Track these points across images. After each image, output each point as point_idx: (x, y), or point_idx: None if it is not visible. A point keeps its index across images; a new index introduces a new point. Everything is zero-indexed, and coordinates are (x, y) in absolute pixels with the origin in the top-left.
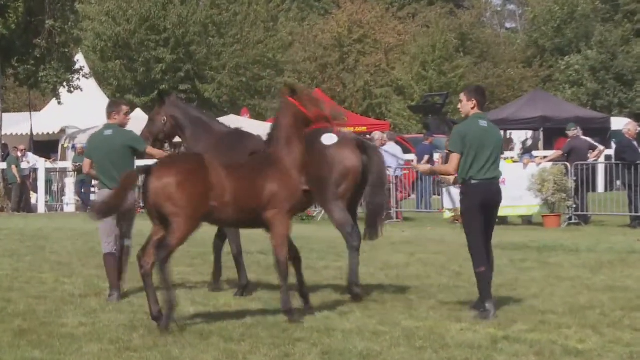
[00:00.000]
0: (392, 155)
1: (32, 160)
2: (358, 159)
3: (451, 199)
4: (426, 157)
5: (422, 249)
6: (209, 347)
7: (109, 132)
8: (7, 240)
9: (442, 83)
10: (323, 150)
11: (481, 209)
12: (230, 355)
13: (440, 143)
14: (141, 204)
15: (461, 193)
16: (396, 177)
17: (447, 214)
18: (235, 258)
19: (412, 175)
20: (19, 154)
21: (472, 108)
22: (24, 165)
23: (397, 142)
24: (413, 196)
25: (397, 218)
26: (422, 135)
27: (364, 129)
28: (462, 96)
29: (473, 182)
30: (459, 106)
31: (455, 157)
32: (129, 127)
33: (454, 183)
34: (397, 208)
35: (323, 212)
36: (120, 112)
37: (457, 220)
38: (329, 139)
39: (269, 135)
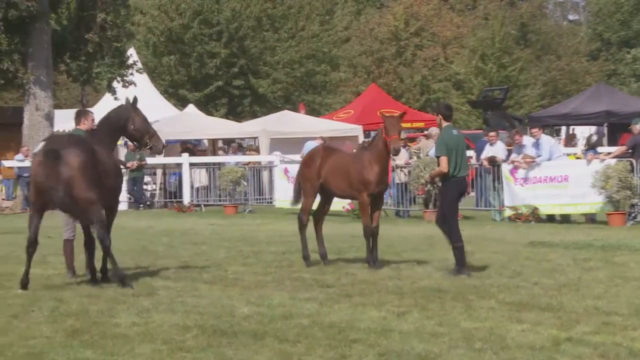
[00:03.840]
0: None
1: None
2: (37, 170)
3: (512, 196)
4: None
5: (482, 249)
6: (263, 348)
7: None
8: (59, 238)
9: (501, 77)
10: None
11: (458, 198)
12: (285, 356)
13: (501, 138)
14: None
15: (444, 186)
16: None
17: (508, 212)
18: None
19: (470, 172)
20: None
21: (441, 121)
22: None
23: None
24: (472, 193)
25: None
26: (481, 131)
27: (421, 124)
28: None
29: (454, 178)
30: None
31: (444, 160)
32: (183, 123)
33: (432, 182)
34: None
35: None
36: (88, 119)
37: (518, 219)
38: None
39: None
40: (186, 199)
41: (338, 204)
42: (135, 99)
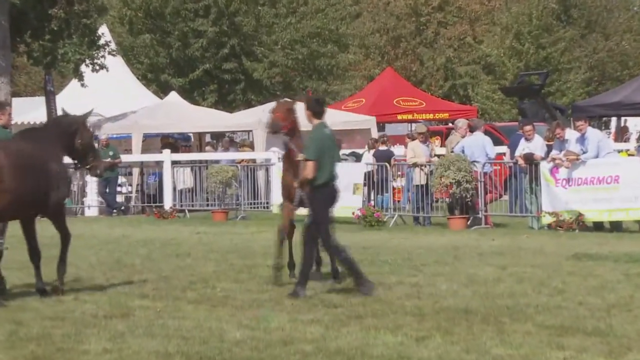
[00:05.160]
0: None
1: None
2: None
3: (552, 199)
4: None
5: (516, 261)
6: None
7: None
8: (16, 249)
9: (540, 59)
10: None
11: (329, 206)
12: None
13: (539, 132)
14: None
15: (313, 195)
16: (484, 173)
17: (547, 219)
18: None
19: (504, 171)
20: None
21: (311, 117)
22: None
23: (485, 132)
24: (505, 197)
25: (485, 223)
26: (516, 123)
27: (446, 115)
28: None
29: (324, 187)
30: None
31: (312, 165)
32: (164, 113)
33: (301, 187)
34: (485, 211)
35: (396, 216)
36: (5, 114)
37: (559, 227)
38: None
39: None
40: (167, 203)
41: (347, 210)
42: (90, 112)
